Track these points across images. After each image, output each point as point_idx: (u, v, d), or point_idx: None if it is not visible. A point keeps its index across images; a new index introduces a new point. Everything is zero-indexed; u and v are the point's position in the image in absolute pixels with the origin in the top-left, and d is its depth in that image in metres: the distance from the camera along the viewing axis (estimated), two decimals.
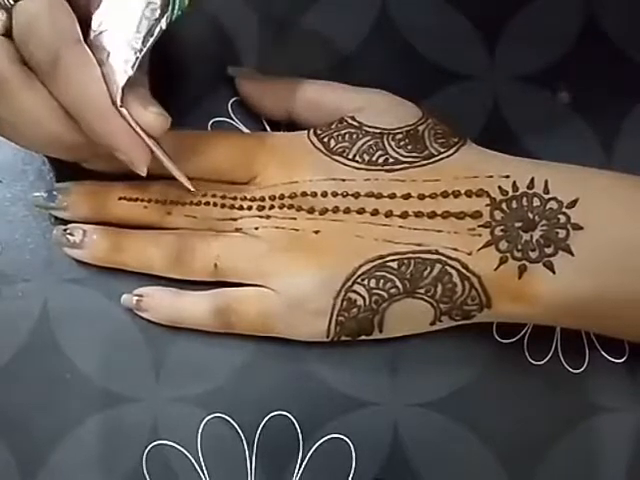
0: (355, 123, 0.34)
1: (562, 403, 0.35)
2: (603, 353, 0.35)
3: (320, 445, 0.34)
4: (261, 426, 0.34)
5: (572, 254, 0.30)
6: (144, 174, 0.32)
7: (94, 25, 0.31)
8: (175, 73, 0.38)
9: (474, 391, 0.35)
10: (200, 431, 0.34)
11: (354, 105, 0.35)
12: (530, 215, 0.31)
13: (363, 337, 0.34)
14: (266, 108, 0.37)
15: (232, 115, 0.38)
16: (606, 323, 0.33)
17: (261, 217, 0.34)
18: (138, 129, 0.31)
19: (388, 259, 0.32)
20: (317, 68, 0.38)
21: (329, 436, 0.34)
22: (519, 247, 0.31)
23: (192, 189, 0.34)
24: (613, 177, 0.32)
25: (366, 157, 0.33)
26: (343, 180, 0.33)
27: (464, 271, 0.31)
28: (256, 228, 0.34)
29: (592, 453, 0.35)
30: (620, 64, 0.38)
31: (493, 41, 0.39)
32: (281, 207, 0.34)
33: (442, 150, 0.33)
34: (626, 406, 0.35)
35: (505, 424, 0.35)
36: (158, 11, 0.30)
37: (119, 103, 0.30)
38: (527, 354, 0.35)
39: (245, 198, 0.34)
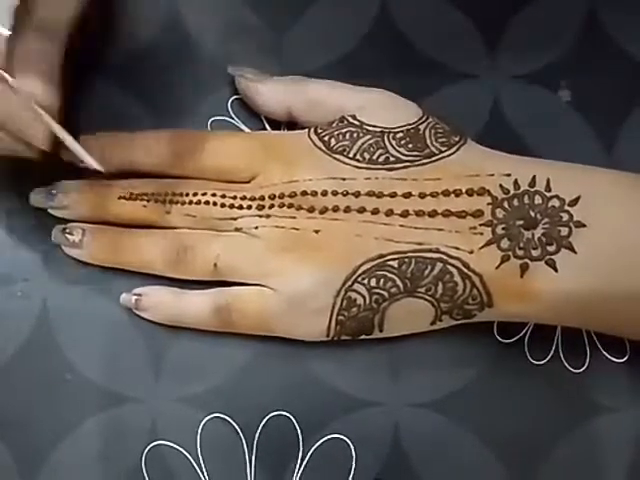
0: (356, 122, 0.34)
1: (563, 403, 0.35)
2: (604, 352, 0.35)
3: (320, 445, 0.34)
4: (261, 426, 0.34)
5: (574, 252, 0.30)
6: (48, 149, 0.31)
7: None
8: (175, 71, 0.38)
9: (475, 391, 0.35)
10: (200, 431, 0.34)
11: (355, 104, 0.35)
12: (532, 213, 0.31)
13: (363, 336, 0.34)
14: (266, 107, 0.36)
15: (232, 114, 0.37)
16: (609, 321, 0.32)
17: (261, 216, 0.34)
18: (32, 103, 0.30)
19: (389, 258, 0.32)
20: (317, 67, 0.38)
21: (329, 436, 0.34)
22: (521, 245, 0.31)
23: (102, 170, 0.32)
24: (615, 175, 0.32)
25: (367, 156, 0.33)
26: (343, 179, 0.33)
27: (465, 270, 0.31)
28: (256, 227, 0.34)
29: (593, 453, 0.35)
30: (621, 63, 0.38)
31: (494, 40, 0.39)
32: (281, 206, 0.33)
33: (443, 149, 0.33)
34: (627, 406, 0.35)
35: (506, 424, 0.35)
36: None
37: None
38: (528, 354, 0.35)
39: (245, 197, 0.34)
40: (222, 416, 0.34)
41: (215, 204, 0.34)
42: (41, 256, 0.36)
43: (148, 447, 0.34)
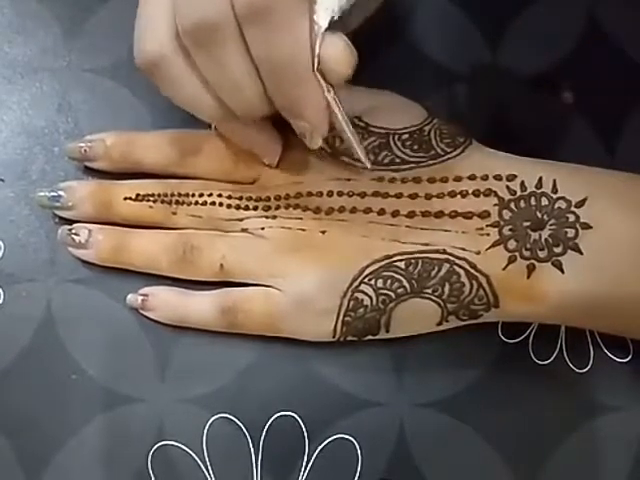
0: (361, 123, 0.34)
1: (567, 402, 0.35)
2: (607, 352, 0.36)
3: (326, 445, 0.34)
4: (267, 426, 0.34)
5: (581, 253, 0.30)
6: (319, 143, 0.31)
7: None
8: None
9: (480, 391, 0.35)
10: (205, 431, 0.34)
11: (360, 105, 0.35)
12: (539, 214, 0.31)
13: (369, 337, 0.34)
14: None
15: None
16: (614, 322, 0.33)
17: (267, 217, 0.34)
18: (328, 95, 0.30)
19: (395, 259, 0.32)
20: None
21: (335, 436, 0.34)
22: (528, 246, 0.31)
23: (368, 165, 0.32)
24: (621, 176, 0.32)
25: (372, 157, 0.33)
26: (349, 180, 0.33)
27: (472, 271, 0.31)
28: (262, 228, 0.34)
29: (597, 452, 0.35)
30: (622, 64, 0.39)
31: (495, 42, 0.39)
32: (287, 207, 0.34)
33: (448, 150, 0.33)
34: (630, 405, 0.35)
35: (510, 424, 0.35)
36: None
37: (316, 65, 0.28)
38: (532, 354, 0.35)
39: (251, 198, 0.34)
40: (228, 416, 0.34)
41: (221, 205, 0.34)
42: (45, 256, 0.36)
43: (154, 447, 0.34)
